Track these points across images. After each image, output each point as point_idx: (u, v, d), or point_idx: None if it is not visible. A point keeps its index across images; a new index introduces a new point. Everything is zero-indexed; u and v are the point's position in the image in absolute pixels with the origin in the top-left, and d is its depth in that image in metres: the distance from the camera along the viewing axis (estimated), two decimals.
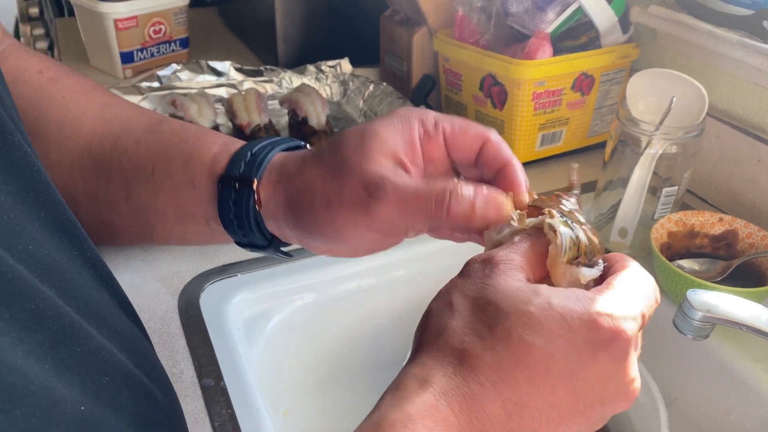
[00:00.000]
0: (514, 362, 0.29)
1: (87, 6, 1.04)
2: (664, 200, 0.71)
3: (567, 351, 0.29)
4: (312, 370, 0.68)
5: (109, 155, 0.42)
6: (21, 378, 0.21)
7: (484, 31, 0.86)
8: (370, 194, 0.35)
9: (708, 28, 0.75)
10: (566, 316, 0.29)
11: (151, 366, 0.33)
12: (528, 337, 0.29)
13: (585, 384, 0.30)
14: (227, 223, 0.41)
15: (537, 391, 0.29)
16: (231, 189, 0.39)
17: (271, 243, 0.41)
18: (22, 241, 0.25)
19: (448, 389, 0.28)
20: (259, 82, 1.04)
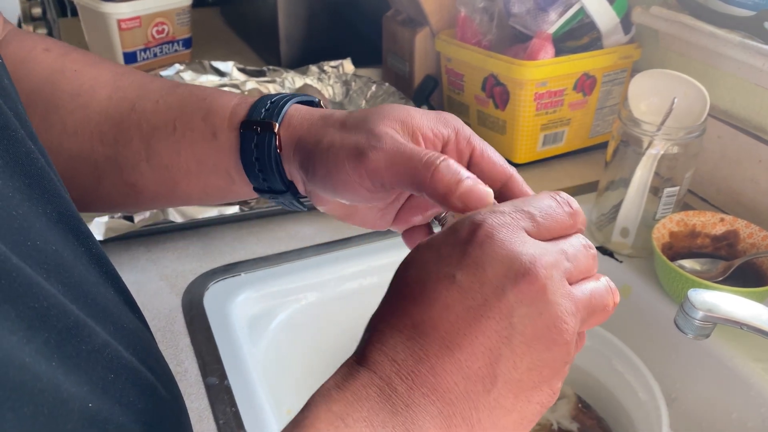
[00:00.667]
0: (398, 297, 0.29)
1: (90, 6, 1.04)
2: (666, 200, 0.71)
3: (435, 262, 0.29)
4: (315, 369, 0.68)
5: (127, 117, 0.43)
6: (29, 376, 0.21)
7: (487, 31, 0.87)
8: (368, 143, 0.36)
9: (709, 29, 0.75)
10: (432, 239, 0.30)
11: (156, 363, 0.33)
12: (401, 272, 0.30)
13: (465, 277, 0.28)
14: (249, 168, 0.41)
15: (424, 307, 0.28)
16: (253, 133, 0.41)
17: (289, 188, 0.42)
18: (30, 237, 0.26)
19: (354, 355, 0.29)
20: (261, 82, 1.04)
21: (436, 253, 0.29)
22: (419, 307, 0.28)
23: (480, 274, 0.28)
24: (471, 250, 0.28)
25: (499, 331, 0.27)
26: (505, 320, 0.27)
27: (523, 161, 0.87)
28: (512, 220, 0.29)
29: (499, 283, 0.27)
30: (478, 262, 0.28)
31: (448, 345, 0.27)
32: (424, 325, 0.28)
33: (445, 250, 0.29)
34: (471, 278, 0.28)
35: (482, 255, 0.28)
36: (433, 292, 0.28)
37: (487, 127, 0.89)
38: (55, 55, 0.45)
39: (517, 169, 0.92)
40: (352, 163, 0.36)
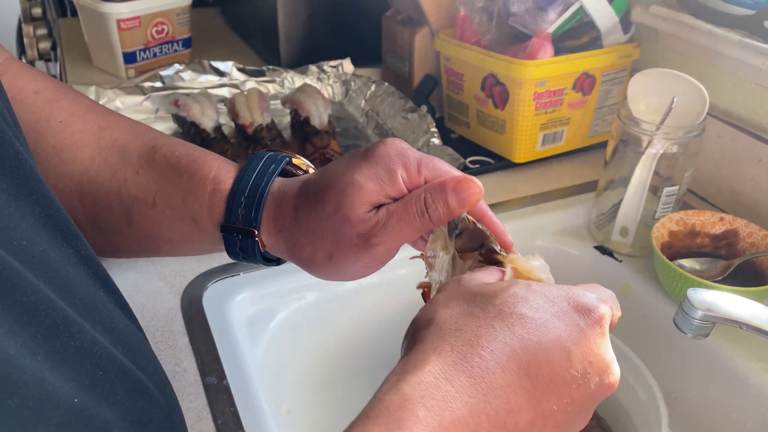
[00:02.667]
0: (510, 334, 0.30)
1: (90, 6, 1.04)
2: (665, 200, 0.71)
3: (554, 320, 0.32)
4: (314, 369, 0.68)
5: (108, 184, 0.43)
6: (14, 368, 0.21)
7: (486, 31, 0.86)
8: (367, 242, 0.39)
9: (709, 28, 0.75)
10: (546, 293, 0.33)
11: (147, 363, 0.33)
12: (519, 309, 0.31)
13: (576, 353, 0.31)
14: (235, 257, 0.44)
15: (535, 362, 0.30)
16: (235, 238, 0.43)
17: (278, 262, 0.46)
18: (17, 237, 0.26)
19: (446, 367, 0.29)
20: (261, 82, 1.04)
21: (554, 309, 0.32)
22: (530, 361, 0.30)
23: (587, 362, 0.32)
24: (589, 335, 0.32)
25: (571, 414, 0.32)
26: (579, 408, 0.32)
27: (522, 161, 0.87)
28: (610, 315, 0.34)
29: (593, 377, 0.32)
30: (590, 350, 0.32)
31: (536, 408, 0.30)
32: (528, 380, 0.30)
33: (565, 316, 0.32)
34: (580, 360, 0.31)
35: (594, 347, 0.32)
36: (547, 352, 0.31)
37: (487, 126, 0.89)
38: (44, 99, 0.45)
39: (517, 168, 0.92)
40: (363, 258, 0.39)
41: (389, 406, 0.27)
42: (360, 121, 0.99)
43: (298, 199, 0.42)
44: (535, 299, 0.32)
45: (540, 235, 0.77)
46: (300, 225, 0.41)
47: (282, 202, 0.42)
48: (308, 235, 0.41)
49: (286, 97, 0.93)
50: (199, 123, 0.86)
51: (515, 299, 0.32)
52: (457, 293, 0.34)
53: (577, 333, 0.32)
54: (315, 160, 0.86)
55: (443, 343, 0.30)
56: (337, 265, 0.41)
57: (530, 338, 0.31)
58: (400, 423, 0.26)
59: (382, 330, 0.72)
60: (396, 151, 0.40)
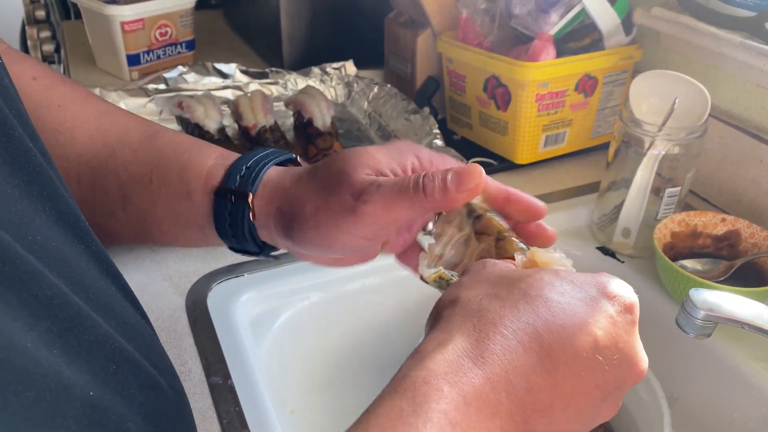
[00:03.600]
0: (534, 315, 0.30)
1: (94, 9, 1.05)
2: (667, 201, 0.71)
3: (581, 304, 0.31)
4: (318, 369, 0.69)
5: (105, 165, 0.43)
6: (31, 361, 0.22)
7: (488, 32, 0.87)
8: (356, 199, 0.38)
9: (710, 30, 0.76)
10: (574, 279, 0.33)
11: (158, 358, 0.33)
12: (545, 293, 0.31)
13: (603, 339, 0.31)
14: (222, 232, 0.43)
15: (558, 341, 0.30)
16: (227, 201, 0.42)
17: (263, 250, 0.44)
18: (31, 231, 0.26)
19: (469, 345, 0.29)
20: (264, 84, 1.04)
21: (582, 294, 0.32)
22: (553, 341, 0.30)
23: (614, 347, 0.31)
24: (618, 322, 0.32)
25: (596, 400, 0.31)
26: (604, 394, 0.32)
27: (524, 162, 0.87)
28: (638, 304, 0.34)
29: (621, 363, 0.32)
30: (618, 337, 0.32)
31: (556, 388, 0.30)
32: (549, 360, 0.30)
33: (593, 302, 0.32)
34: (606, 346, 0.31)
35: (623, 333, 0.32)
36: (571, 335, 0.31)
37: (489, 128, 0.89)
38: (42, 86, 0.45)
39: (519, 169, 0.92)
40: (348, 221, 0.38)
41: (415, 381, 0.28)
42: (363, 122, 0.99)
43: (303, 170, 0.42)
44: (561, 284, 0.32)
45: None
46: (298, 186, 0.41)
47: (286, 173, 0.43)
48: (301, 193, 0.40)
49: (289, 99, 0.93)
50: (202, 125, 0.87)
51: (541, 283, 0.32)
52: (482, 276, 0.34)
53: (605, 318, 0.32)
54: (318, 161, 0.86)
55: (466, 322, 0.30)
56: (319, 226, 0.39)
57: (554, 320, 0.31)
58: (426, 397, 0.27)
59: (386, 330, 0.72)
60: (411, 144, 0.42)
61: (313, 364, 0.68)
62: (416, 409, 0.27)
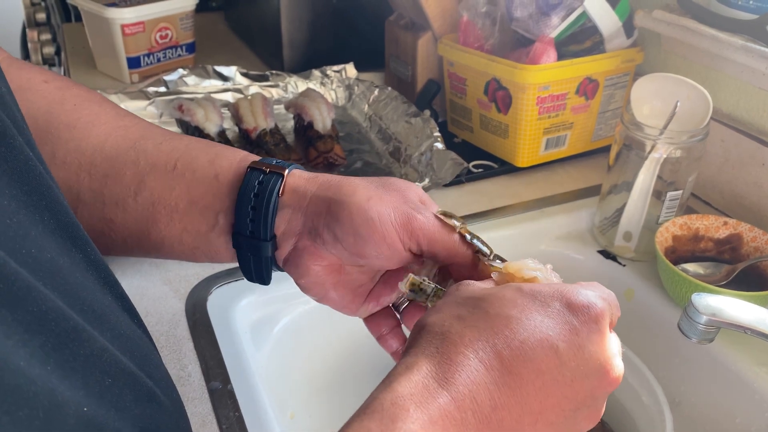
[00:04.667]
0: (493, 333, 0.31)
1: (94, 11, 1.05)
2: (669, 204, 0.71)
3: (543, 320, 0.32)
4: (319, 373, 0.68)
5: (125, 154, 0.43)
6: (24, 380, 0.21)
7: (489, 35, 0.87)
8: (414, 208, 0.40)
9: (712, 33, 0.75)
10: (537, 294, 0.33)
11: (155, 369, 0.33)
12: (505, 311, 0.32)
13: (566, 351, 0.31)
14: (242, 204, 0.42)
15: (519, 357, 0.31)
16: (260, 172, 0.42)
17: (271, 239, 0.42)
18: (26, 245, 0.26)
19: (432, 367, 0.30)
20: (264, 86, 1.04)
21: (544, 310, 0.33)
22: (514, 358, 0.31)
23: (579, 358, 0.32)
24: (581, 332, 0.32)
25: (566, 412, 0.32)
26: (575, 405, 0.32)
27: (525, 165, 0.87)
28: (609, 312, 0.34)
29: (589, 373, 0.32)
30: (582, 346, 0.32)
31: (522, 405, 0.31)
32: (511, 377, 0.31)
33: (555, 315, 0.32)
34: (570, 357, 0.31)
35: (588, 343, 0.32)
36: (531, 350, 0.31)
37: (490, 131, 0.89)
38: (54, 87, 0.45)
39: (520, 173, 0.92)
40: (401, 219, 0.39)
41: (383, 403, 0.29)
42: (363, 125, 0.99)
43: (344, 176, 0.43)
44: (523, 300, 0.33)
45: (543, 240, 0.77)
46: (344, 178, 0.42)
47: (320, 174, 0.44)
48: (352, 181, 0.41)
49: (289, 102, 0.93)
50: (203, 128, 0.86)
51: (502, 301, 0.33)
52: (450, 300, 0.35)
53: (567, 330, 0.32)
54: (318, 164, 0.86)
55: (430, 345, 0.31)
56: (370, 210, 0.39)
57: (514, 337, 0.31)
58: (393, 417, 0.28)
59: None
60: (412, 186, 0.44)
61: (313, 369, 0.68)
62: (384, 429, 0.28)
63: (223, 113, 0.91)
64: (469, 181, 0.84)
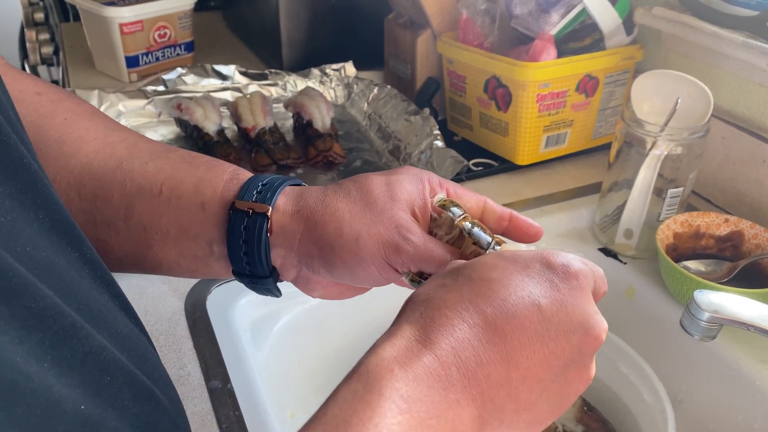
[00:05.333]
0: (475, 294, 0.32)
1: (93, 11, 1.04)
2: (670, 201, 0.70)
3: (524, 280, 0.33)
4: (318, 372, 0.68)
5: (111, 175, 0.42)
6: (21, 376, 0.21)
7: (488, 33, 0.86)
8: (404, 237, 0.39)
9: (712, 29, 0.75)
10: (517, 257, 0.34)
11: (153, 368, 0.33)
12: (486, 273, 0.33)
13: (548, 307, 0.32)
14: (234, 249, 0.42)
15: (502, 314, 0.31)
16: (244, 215, 0.41)
17: (271, 274, 0.43)
18: (21, 242, 0.25)
19: (416, 331, 0.31)
20: (263, 85, 1.04)
21: (524, 270, 0.33)
22: (497, 315, 0.31)
23: (561, 313, 0.32)
24: (562, 288, 0.33)
25: (554, 368, 0.32)
26: (562, 361, 0.32)
27: (525, 163, 0.86)
28: (593, 280, 0.35)
29: (572, 328, 0.32)
30: (564, 302, 0.32)
31: (508, 360, 0.31)
32: (495, 334, 0.31)
33: (536, 274, 0.33)
34: (553, 312, 0.32)
35: (570, 298, 0.33)
36: (513, 306, 0.32)
37: (490, 129, 0.89)
38: (47, 99, 0.44)
39: (520, 170, 0.92)
40: (391, 251, 0.39)
41: (368, 366, 0.30)
42: (363, 124, 0.99)
43: (328, 189, 0.42)
44: (504, 263, 0.33)
45: (544, 238, 0.76)
46: (329, 205, 0.41)
47: (306, 192, 0.42)
48: (338, 212, 0.40)
49: (288, 101, 0.93)
50: (202, 126, 0.86)
51: (483, 266, 0.33)
52: (436, 275, 0.35)
53: (549, 287, 0.33)
54: (318, 163, 0.86)
55: (414, 313, 0.32)
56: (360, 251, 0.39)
57: (496, 296, 0.32)
58: (378, 377, 0.29)
59: None
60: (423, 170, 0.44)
61: (312, 367, 0.68)
62: (369, 388, 0.29)
63: (222, 112, 0.91)
64: (469, 179, 0.84)
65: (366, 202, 0.40)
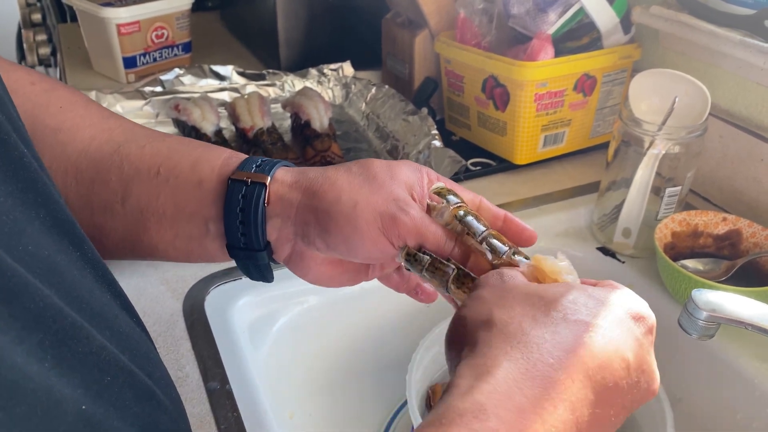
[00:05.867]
0: (575, 342, 0.31)
1: (90, 11, 1.04)
2: (668, 200, 0.71)
3: (614, 328, 0.32)
4: (317, 373, 0.68)
5: (109, 158, 0.43)
6: (22, 376, 0.21)
7: (486, 32, 0.86)
8: (401, 208, 0.39)
9: (710, 28, 0.75)
10: (602, 298, 0.34)
11: (154, 368, 0.33)
12: (581, 316, 0.32)
13: (633, 362, 0.32)
14: (230, 220, 0.41)
15: (599, 368, 0.31)
16: (242, 184, 0.41)
17: (266, 248, 0.42)
18: (22, 242, 0.25)
19: (518, 375, 0.29)
20: (261, 85, 1.04)
21: (611, 314, 0.33)
22: (596, 367, 0.31)
23: (639, 368, 0.33)
24: (642, 342, 0.33)
25: (613, 414, 0.32)
26: (624, 410, 0.33)
27: (523, 162, 0.86)
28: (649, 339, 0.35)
29: (643, 382, 0.33)
30: (644, 357, 0.33)
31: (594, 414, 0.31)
32: (591, 390, 0.31)
33: (621, 322, 0.33)
34: (634, 368, 0.32)
35: (646, 354, 0.33)
36: (609, 362, 0.32)
37: (488, 128, 0.89)
38: (41, 89, 0.44)
39: (518, 170, 0.92)
40: (387, 222, 0.39)
41: (463, 415, 0.27)
42: (361, 124, 0.99)
43: (329, 167, 0.43)
44: (595, 306, 0.33)
45: (542, 237, 0.76)
46: (328, 178, 0.41)
47: (305, 168, 0.43)
48: (336, 184, 0.40)
49: (286, 101, 0.93)
50: (199, 127, 0.86)
51: (576, 305, 0.33)
52: (509, 292, 0.34)
53: (633, 341, 0.33)
54: (316, 163, 0.85)
55: (513, 350, 0.30)
56: (357, 220, 0.39)
57: (594, 346, 0.31)
58: None
59: (385, 333, 0.72)
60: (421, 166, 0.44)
61: (311, 368, 0.68)
62: None
63: (220, 112, 0.91)
64: (468, 178, 0.84)
65: (366, 177, 0.41)
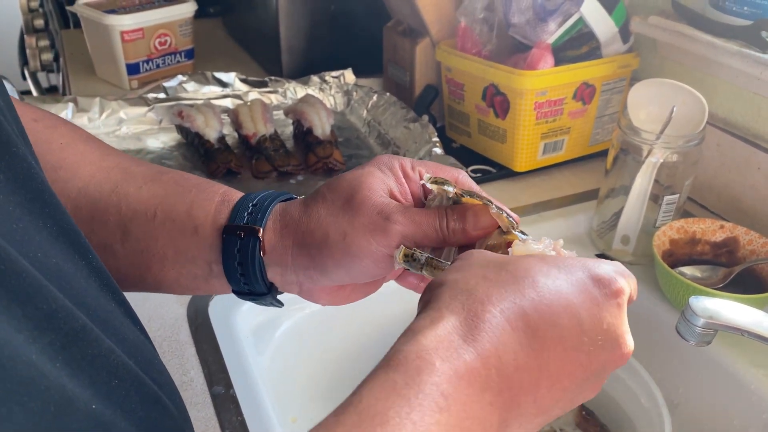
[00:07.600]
0: (520, 294, 0.32)
1: (93, 18, 1.05)
2: (666, 208, 0.71)
3: (568, 288, 0.32)
4: (320, 377, 0.69)
5: (107, 198, 0.43)
6: (37, 373, 0.22)
7: (487, 41, 0.87)
8: (386, 218, 0.39)
9: (707, 39, 0.76)
10: (561, 264, 0.34)
11: (159, 374, 0.33)
12: (531, 274, 0.32)
13: (588, 321, 0.32)
14: (230, 272, 0.43)
15: (544, 321, 0.31)
16: (236, 238, 0.42)
17: (270, 291, 0.44)
18: (32, 249, 0.26)
19: (459, 323, 0.30)
20: (264, 92, 1.05)
21: (567, 275, 0.33)
22: (539, 321, 0.31)
23: (598, 329, 0.33)
24: (603, 304, 0.33)
25: (578, 379, 0.33)
26: (587, 374, 0.33)
27: (523, 170, 0.87)
28: (628, 289, 0.35)
29: (605, 345, 0.33)
30: (603, 318, 0.33)
31: (542, 369, 0.31)
32: (535, 340, 0.31)
33: (580, 285, 0.33)
34: (591, 327, 0.32)
35: (608, 316, 0.33)
36: (556, 315, 0.32)
37: (488, 136, 0.90)
38: (43, 126, 0.45)
39: (518, 177, 0.93)
40: (381, 240, 0.39)
41: (407, 356, 0.29)
42: (362, 131, 1.00)
43: (306, 198, 0.43)
44: (549, 268, 0.33)
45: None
46: (311, 214, 0.41)
47: (289, 204, 0.43)
48: (320, 218, 0.41)
49: (288, 108, 0.94)
50: (202, 134, 0.87)
51: (529, 265, 0.33)
52: (470, 261, 0.35)
53: (590, 301, 0.33)
54: (318, 170, 0.86)
55: (455, 301, 0.31)
56: (350, 246, 0.40)
57: (540, 300, 0.32)
58: (419, 370, 0.28)
59: (387, 338, 0.72)
60: (394, 156, 0.44)
61: (314, 372, 0.68)
62: (408, 382, 0.28)
63: (223, 119, 0.91)
64: None
65: (343, 201, 0.41)
